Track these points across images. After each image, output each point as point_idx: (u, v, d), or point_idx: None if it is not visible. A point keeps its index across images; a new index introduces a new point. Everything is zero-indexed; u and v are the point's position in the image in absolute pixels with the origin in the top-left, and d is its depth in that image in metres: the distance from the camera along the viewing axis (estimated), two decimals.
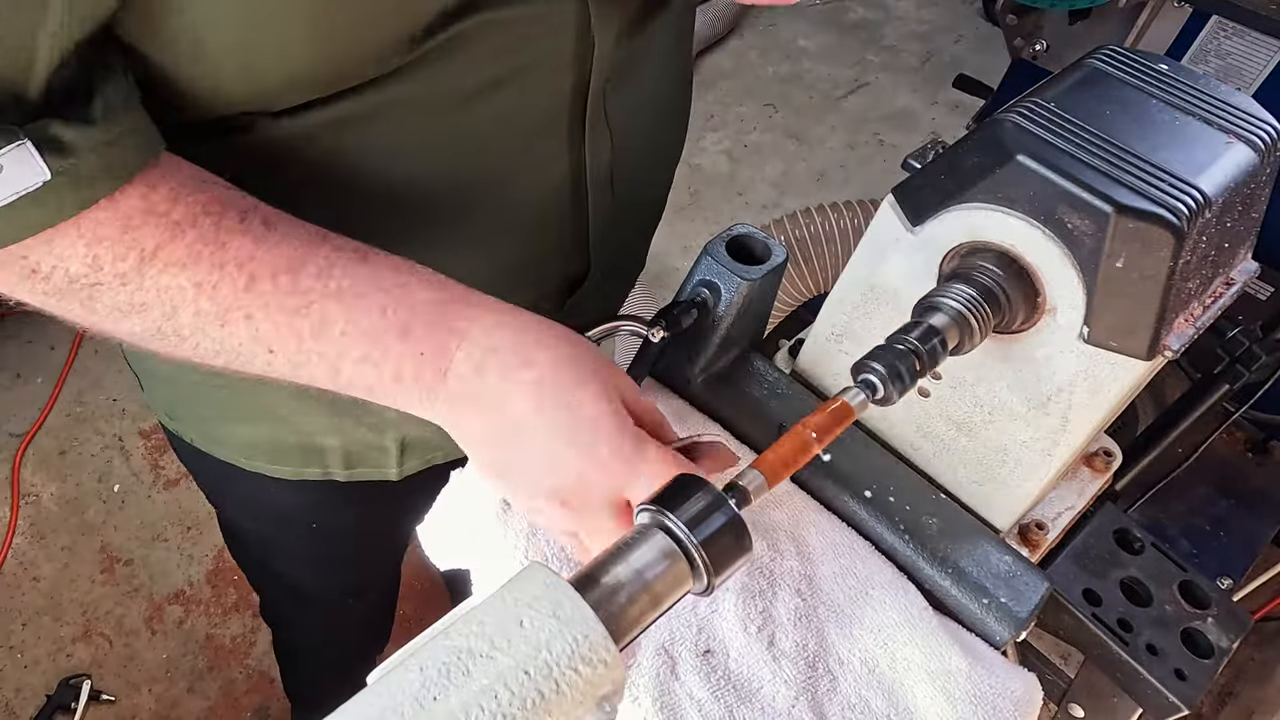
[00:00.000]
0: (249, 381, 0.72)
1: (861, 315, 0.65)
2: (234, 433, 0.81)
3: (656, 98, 0.75)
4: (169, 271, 0.49)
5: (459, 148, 0.61)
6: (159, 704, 1.68)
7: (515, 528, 0.63)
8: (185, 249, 0.48)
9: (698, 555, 0.40)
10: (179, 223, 0.48)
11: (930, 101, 2.95)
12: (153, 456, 1.99)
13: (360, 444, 0.80)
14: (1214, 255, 0.55)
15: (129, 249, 0.48)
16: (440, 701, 0.34)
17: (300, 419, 0.77)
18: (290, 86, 0.53)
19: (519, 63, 0.59)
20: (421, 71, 0.55)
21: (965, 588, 0.62)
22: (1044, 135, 0.52)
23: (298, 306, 0.50)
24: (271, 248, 0.49)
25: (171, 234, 0.48)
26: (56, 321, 0.53)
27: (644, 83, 0.71)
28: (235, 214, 0.49)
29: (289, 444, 0.79)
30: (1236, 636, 0.65)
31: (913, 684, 0.60)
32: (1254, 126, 0.54)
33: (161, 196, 0.48)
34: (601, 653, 0.36)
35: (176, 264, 0.49)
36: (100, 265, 0.48)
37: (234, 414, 0.79)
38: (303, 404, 0.75)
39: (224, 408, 0.79)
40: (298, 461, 0.81)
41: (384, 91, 0.55)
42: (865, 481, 0.66)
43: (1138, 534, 0.70)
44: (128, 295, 0.49)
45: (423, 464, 0.84)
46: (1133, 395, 0.62)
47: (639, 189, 0.79)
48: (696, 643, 0.61)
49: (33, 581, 1.80)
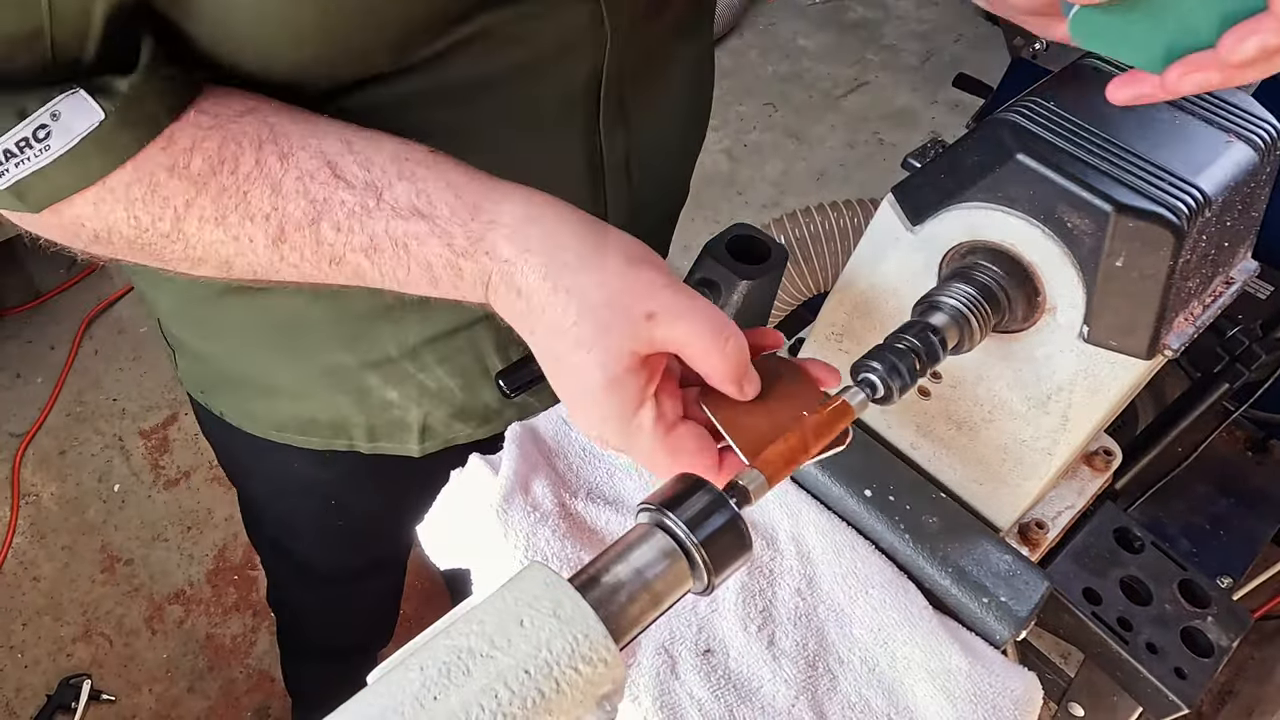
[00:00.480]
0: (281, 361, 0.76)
1: (861, 315, 0.65)
2: (267, 407, 0.84)
3: (675, 91, 0.76)
4: (205, 228, 0.51)
5: (478, 136, 0.62)
6: (159, 704, 1.68)
7: (515, 527, 0.63)
8: (211, 203, 0.50)
9: (698, 555, 0.40)
10: (200, 177, 0.50)
11: (930, 101, 2.95)
12: (153, 456, 1.99)
13: (384, 420, 0.82)
14: (1214, 254, 0.55)
15: (163, 208, 0.50)
16: (441, 701, 0.34)
17: (328, 396, 0.80)
18: (303, 72, 0.54)
19: (532, 53, 0.60)
20: (442, 61, 0.57)
21: (965, 587, 0.62)
22: (1044, 134, 0.52)
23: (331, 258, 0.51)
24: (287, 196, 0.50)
25: (196, 189, 0.50)
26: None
27: (662, 75, 0.72)
28: (250, 155, 0.50)
29: (318, 419, 0.83)
30: (1236, 635, 0.65)
31: (913, 683, 0.60)
32: (1254, 125, 0.54)
33: (181, 149, 0.50)
34: (602, 652, 0.36)
35: (210, 220, 0.51)
36: (143, 226, 0.51)
37: (267, 391, 0.82)
38: (332, 381, 0.79)
39: (258, 385, 0.82)
40: (326, 434, 0.84)
41: (409, 81, 0.57)
42: (865, 481, 0.66)
43: (1138, 533, 0.70)
44: (182, 250, 0.52)
45: (443, 444, 0.86)
46: (1133, 394, 0.62)
47: (657, 180, 0.80)
48: (697, 642, 0.61)
49: (33, 581, 1.81)
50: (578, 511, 0.67)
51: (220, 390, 0.86)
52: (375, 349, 0.76)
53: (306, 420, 0.84)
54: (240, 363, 0.81)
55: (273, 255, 0.51)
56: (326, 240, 0.50)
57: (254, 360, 0.80)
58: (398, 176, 0.50)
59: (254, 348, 0.79)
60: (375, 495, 0.97)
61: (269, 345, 0.78)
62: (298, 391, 0.81)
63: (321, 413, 0.83)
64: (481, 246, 0.48)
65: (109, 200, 0.50)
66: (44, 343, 2.13)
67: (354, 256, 0.50)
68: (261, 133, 0.50)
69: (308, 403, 0.82)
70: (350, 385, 0.79)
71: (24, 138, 0.47)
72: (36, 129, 0.47)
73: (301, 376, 0.80)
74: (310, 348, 0.77)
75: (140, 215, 0.51)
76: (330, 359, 0.77)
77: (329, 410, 0.82)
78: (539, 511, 0.64)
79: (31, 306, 2.17)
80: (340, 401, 0.81)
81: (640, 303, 0.46)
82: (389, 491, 0.94)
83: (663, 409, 0.48)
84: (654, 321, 0.45)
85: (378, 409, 0.82)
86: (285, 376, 0.80)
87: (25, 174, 0.47)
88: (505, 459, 0.67)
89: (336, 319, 0.74)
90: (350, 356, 0.77)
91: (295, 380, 0.80)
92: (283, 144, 0.50)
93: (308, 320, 0.74)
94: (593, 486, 0.69)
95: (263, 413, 0.85)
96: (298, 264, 0.52)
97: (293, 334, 0.76)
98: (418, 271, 0.50)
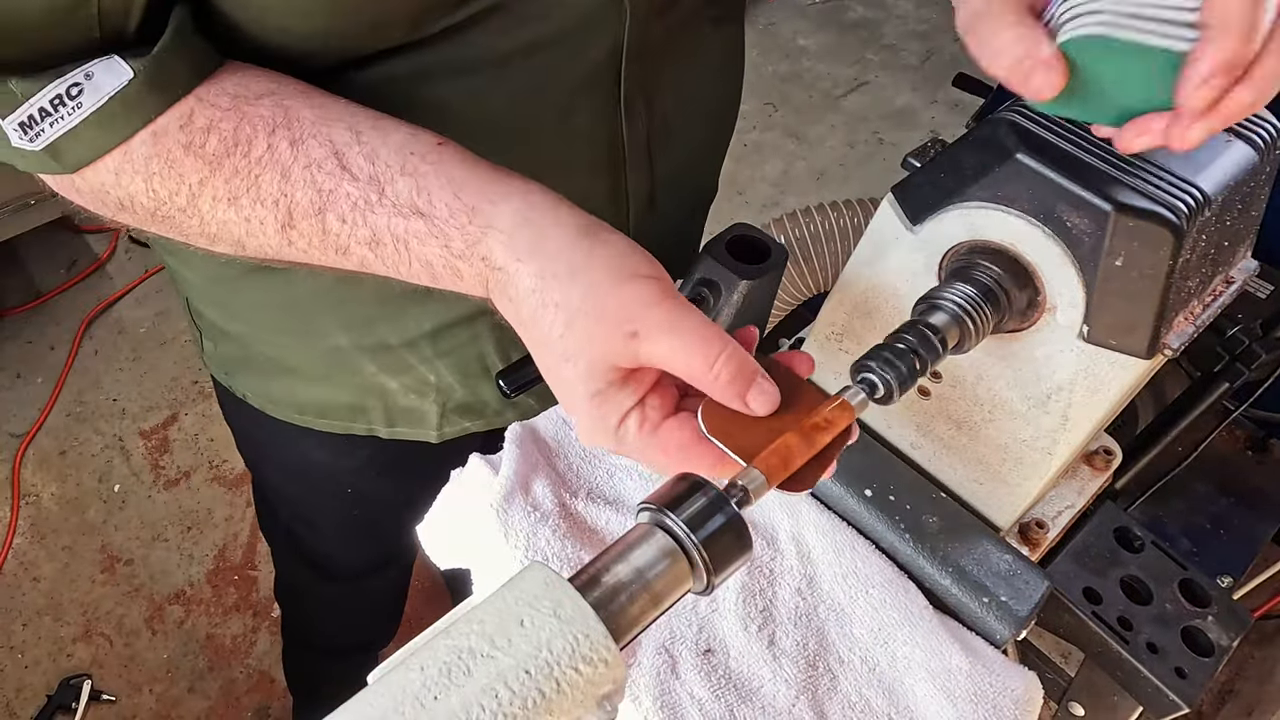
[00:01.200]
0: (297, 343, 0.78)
1: (861, 314, 0.65)
2: (287, 389, 0.85)
3: (700, 75, 0.76)
4: (219, 206, 0.52)
5: (496, 111, 0.62)
6: (160, 704, 1.68)
7: (515, 527, 0.63)
8: (224, 184, 0.51)
9: (698, 555, 0.40)
10: (215, 157, 0.51)
11: (930, 100, 2.95)
12: (153, 456, 1.99)
13: (403, 404, 0.84)
14: (1213, 253, 0.55)
15: (179, 184, 0.52)
16: (441, 701, 0.34)
17: (343, 379, 0.81)
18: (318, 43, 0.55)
19: (551, 28, 0.61)
20: (460, 35, 0.58)
21: (966, 586, 0.62)
22: (1043, 134, 0.52)
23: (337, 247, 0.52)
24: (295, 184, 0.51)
25: (211, 169, 0.51)
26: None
27: (688, 57, 0.72)
28: (263, 140, 0.51)
29: (337, 402, 0.84)
30: (1237, 635, 0.65)
31: (913, 683, 0.60)
32: (1253, 125, 0.54)
33: (198, 128, 0.51)
34: (602, 652, 0.36)
35: (223, 200, 0.52)
36: (161, 199, 0.52)
37: (287, 372, 0.83)
38: (351, 366, 0.80)
39: (278, 366, 0.83)
40: (345, 417, 0.85)
41: (426, 54, 0.58)
42: (865, 480, 0.66)
43: (1138, 532, 0.70)
44: (199, 225, 0.54)
45: (461, 431, 0.86)
46: (1133, 394, 0.62)
47: (680, 167, 0.80)
48: (697, 642, 0.61)
49: (33, 581, 1.81)
50: (578, 511, 0.67)
51: (243, 371, 0.87)
52: (371, 335, 0.77)
53: (325, 403, 0.85)
54: (261, 343, 0.82)
55: (282, 240, 0.52)
56: (332, 230, 0.51)
57: (273, 341, 0.81)
58: (400, 171, 0.50)
59: (272, 329, 0.80)
60: (393, 484, 0.98)
61: (285, 327, 0.79)
62: (315, 374, 0.82)
63: (339, 396, 0.83)
64: (478, 251, 0.48)
65: (128, 170, 0.52)
66: (44, 343, 2.13)
67: (358, 248, 0.51)
68: (276, 117, 0.51)
69: (324, 386, 0.83)
70: (373, 365, 0.80)
71: (59, 94, 0.49)
72: (70, 86, 0.49)
73: (317, 359, 0.81)
74: (321, 331, 0.78)
75: (158, 188, 0.52)
76: (356, 339, 0.78)
77: (346, 394, 0.83)
78: (539, 511, 0.64)
79: (31, 306, 2.17)
80: (355, 385, 0.82)
81: (626, 319, 0.45)
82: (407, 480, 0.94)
83: (646, 412, 0.47)
84: (638, 340, 0.44)
85: (398, 394, 0.82)
86: (302, 358, 0.81)
87: (59, 133, 0.49)
88: (505, 459, 0.67)
89: (340, 303, 0.74)
90: (380, 336, 0.77)
91: (312, 363, 0.81)
92: (295, 130, 0.51)
93: (318, 303, 0.75)
94: (593, 486, 0.69)
95: (283, 395, 0.86)
96: (306, 250, 0.52)
97: (305, 316, 0.77)
98: (418, 267, 0.50)
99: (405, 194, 0.49)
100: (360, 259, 0.52)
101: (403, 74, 0.59)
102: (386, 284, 0.54)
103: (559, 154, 0.51)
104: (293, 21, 0.54)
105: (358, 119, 0.52)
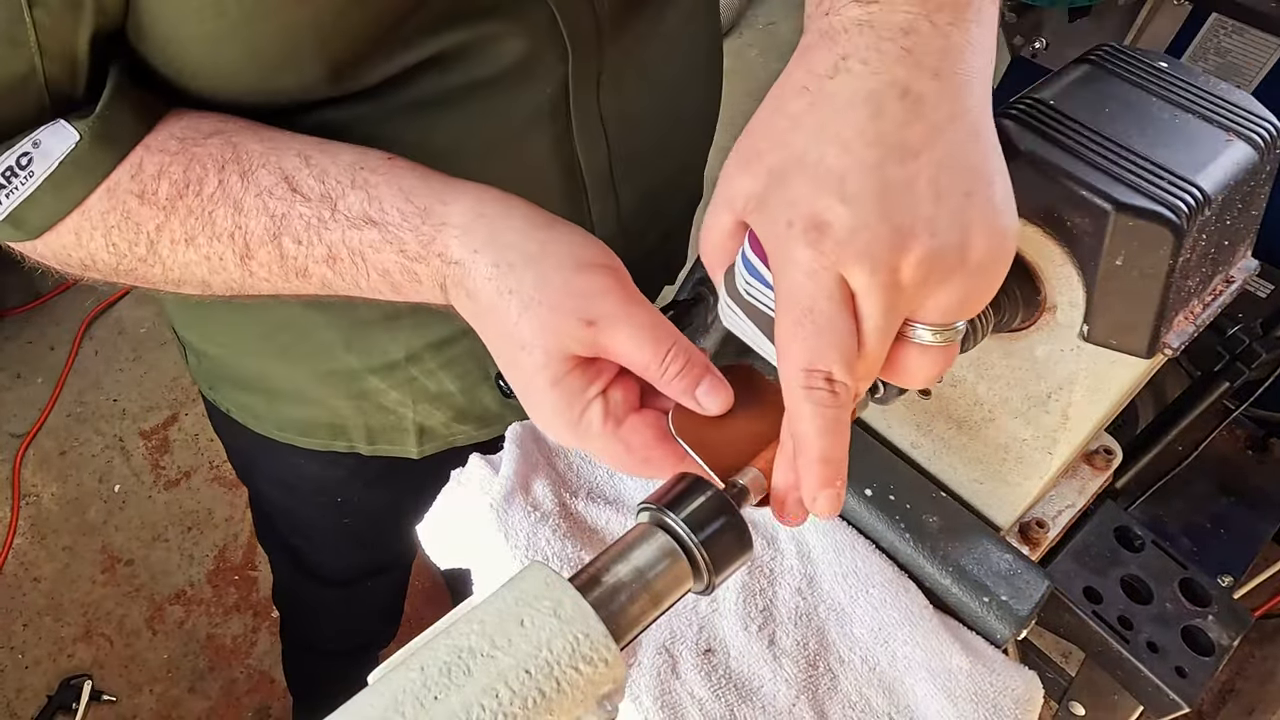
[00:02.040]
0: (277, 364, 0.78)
1: None
2: (269, 407, 0.85)
3: (668, 94, 0.75)
4: (178, 249, 0.52)
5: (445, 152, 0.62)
6: (160, 704, 1.68)
7: (516, 527, 0.63)
8: (180, 226, 0.52)
9: (699, 554, 0.40)
10: (168, 201, 0.52)
11: None
12: (153, 456, 1.99)
13: (381, 424, 0.84)
14: (1214, 253, 0.55)
15: (136, 234, 0.52)
16: (441, 701, 0.34)
17: (326, 399, 0.82)
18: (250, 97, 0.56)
19: (493, 70, 0.60)
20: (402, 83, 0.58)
21: (966, 586, 0.62)
22: (1043, 133, 0.52)
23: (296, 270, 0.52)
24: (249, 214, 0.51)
25: (165, 213, 0.52)
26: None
27: (648, 80, 0.71)
28: (214, 177, 0.52)
29: (317, 421, 0.84)
30: (1237, 634, 0.65)
31: (913, 682, 0.60)
32: (1253, 124, 0.54)
33: (149, 175, 0.52)
34: (602, 651, 0.36)
35: (181, 241, 0.52)
36: (121, 253, 0.53)
37: (268, 392, 0.83)
38: (328, 388, 0.80)
39: (258, 386, 0.84)
40: (325, 435, 0.85)
41: (366, 103, 0.58)
42: (865, 480, 0.66)
43: (1138, 532, 0.70)
44: (161, 273, 0.54)
45: (443, 445, 0.86)
46: (1133, 393, 0.62)
47: (652, 188, 0.79)
48: (697, 641, 0.61)
49: (33, 582, 1.81)
50: (578, 511, 0.67)
51: (226, 388, 0.87)
52: (375, 353, 0.76)
53: (306, 422, 0.84)
54: (240, 363, 0.82)
55: (243, 272, 0.52)
56: (289, 254, 0.51)
57: (251, 362, 0.81)
58: (351, 186, 0.50)
59: (250, 351, 0.80)
60: (380, 495, 0.98)
61: (263, 349, 0.79)
62: (295, 394, 0.82)
63: (320, 415, 0.83)
64: (433, 249, 0.48)
65: (87, 229, 0.52)
66: (44, 343, 2.13)
67: (316, 268, 0.51)
68: (225, 153, 0.52)
69: (306, 406, 0.83)
70: (349, 389, 0.80)
71: (9, 166, 0.50)
72: (20, 157, 0.50)
73: (298, 380, 0.80)
74: (307, 352, 0.77)
75: (117, 242, 0.53)
76: (330, 363, 0.77)
77: (327, 413, 0.83)
78: (539, 511, 0.64)
79: (31, 307, 2.17)
80: (338, 405, 0.82)
81: (582, 308, 0.44)
82: (393, 492, 0.95)
83: (610, 404, 0.46)
84: (595, 328, 0.44)
85: (375, 412, 0.82)
86: (282, 379, 0.81)
87: (15, 204, 0.50)
88: (505, 459, 0.67)
89: (332, 323, 0.74)
90: (354, 360, 0.77)
91: (292, 383, 0.81)
92: (244, 163, 0.51)
93: (305, 325, 0.75)
94: (593, 486, 0.69)
95: (266, 412, 0.86)
96: (268, 278, 0.53)
97: (288, 338, 0.76)
98: (377, 279, 0.50)
99: (357, 206, 0.49)
100: (321, 279, 0.51)
101: (348, 118, 0.58)
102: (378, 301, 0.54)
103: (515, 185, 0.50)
104: (220, 83, 0.54)
105: (306, 145, 0.52)
